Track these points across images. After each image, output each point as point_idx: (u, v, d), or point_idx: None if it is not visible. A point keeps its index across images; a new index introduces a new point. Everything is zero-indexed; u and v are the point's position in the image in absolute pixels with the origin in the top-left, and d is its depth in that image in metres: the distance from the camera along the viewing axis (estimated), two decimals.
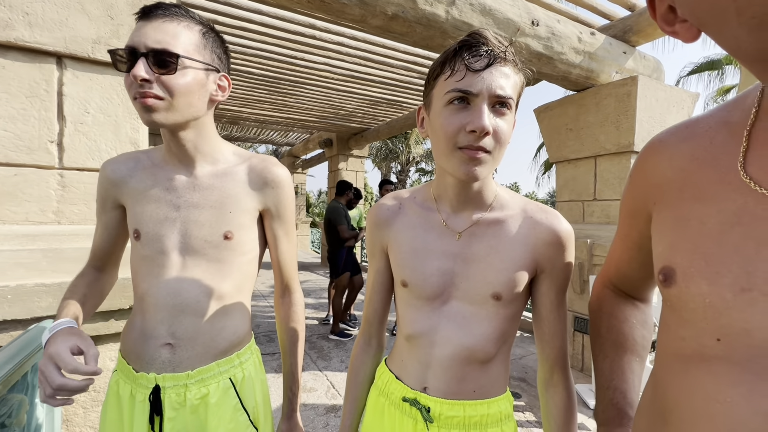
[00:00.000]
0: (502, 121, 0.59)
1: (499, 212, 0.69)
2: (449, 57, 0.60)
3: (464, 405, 0.68)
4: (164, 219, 0.76)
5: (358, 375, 0.83)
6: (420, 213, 0.73)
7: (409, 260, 0.71)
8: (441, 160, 0.64)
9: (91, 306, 0.79)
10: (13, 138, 1.14)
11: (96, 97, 1.25)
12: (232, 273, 0.79)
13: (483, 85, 0.57)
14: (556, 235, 0.66)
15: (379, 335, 0.85)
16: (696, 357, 0.40)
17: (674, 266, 0.42)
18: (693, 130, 0.47)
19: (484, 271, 0.67)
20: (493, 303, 0.67)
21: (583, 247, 2.91)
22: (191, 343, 0.75)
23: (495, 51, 0.58)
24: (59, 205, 1.21)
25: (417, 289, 0.70)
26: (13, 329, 1.02)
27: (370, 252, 0.81)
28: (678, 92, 3.07)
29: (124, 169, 0.80)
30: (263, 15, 3.02)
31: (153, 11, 0.68)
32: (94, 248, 0.85)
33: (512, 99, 0.59)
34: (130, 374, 0.75)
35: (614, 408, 0.59)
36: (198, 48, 0.71)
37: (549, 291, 0.69)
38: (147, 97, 0.65)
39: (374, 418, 0.77)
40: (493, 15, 2.27)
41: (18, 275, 1.04)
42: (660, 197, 0.48)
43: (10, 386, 0.81)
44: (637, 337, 0.63)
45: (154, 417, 0.73)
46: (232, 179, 0.79)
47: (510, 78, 0.59)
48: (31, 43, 1.13)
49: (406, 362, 0.73)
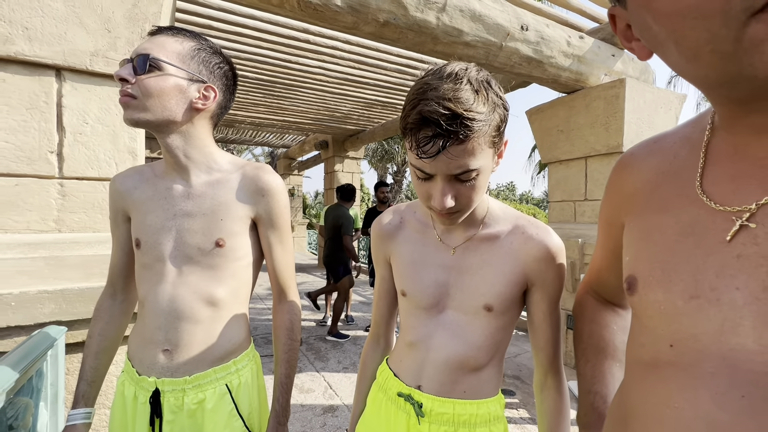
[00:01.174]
0: (468, 185, 0.59)
1: (492, 228, 0.72)
2: (407, 130, 0.57)
3: (454, 403, 0.72)
4: (161, 227, 0.79)
5: (366, 370, 0.90)
6: (418, 228, 0.78)
7: (408, 272, 0.76)
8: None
9: (107, 358, 0.87)
10: (14, 149, 1.17)
11: (94, 108, 1.28)
12: (226, 279, 0.82)
13: (437, 169, 0.57)
14: (547, 250, 0.69)
15: (387, 335, 0.92)
16: (652, 363, 0.41)
17: (636, 275, 0.44)
18: (660, 145, 0.49)
19: (477, 284, 0.70)
20: (485, 314, 0.70)
21: (574, 247, 2.97)
22: (187, 349, 0.78)
23: (447, 131, 0.53)
24: (59, 214, 1.24)
25: (415, 299, 0.75)
26: (17, 335, 1.05)
27: (376, 261, 0.87)
28: (665, 93, 3.13)
29: (130, 182, 0.83)
30: (257, 20, 3.06)
31: (159, 29, 0.76)
32: (112, 267, 0.89)
33: (476, 170, 0.57)
34: (134, 376, 0.79)
35: (595, 412, 0.61)
36: (183, 58, 0.75)
37: (541, 302, 0.73)
38: (124, 95, 0.72)
39: (372, 411, 0.82)
40: (483, 21, 2.31)
41: (21, 282, 1.07)
42: (630, 208, 0.50)
43: (16, 390, 0.85)
44: (618, 342, 0.65)
45: (154, 419, 0.76)
46: (225, 187, 0.82)
47: (472, 152, 0.56)
48: (30, 56, 1.16)
49: (404, 362, 0.78)
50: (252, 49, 3.52)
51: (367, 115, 5.90)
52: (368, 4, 1.98)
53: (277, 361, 0.90)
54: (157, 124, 0.75)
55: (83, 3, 1.21)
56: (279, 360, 0.89)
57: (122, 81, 0.71)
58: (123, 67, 0.72)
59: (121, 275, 0.89)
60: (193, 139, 0.80)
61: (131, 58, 0.73)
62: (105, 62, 1.26)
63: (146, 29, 1.31)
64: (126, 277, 0.89)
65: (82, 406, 0.81)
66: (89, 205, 1.28)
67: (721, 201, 0.39)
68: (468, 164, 0.56)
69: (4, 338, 1.04)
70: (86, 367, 0.83)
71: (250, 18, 3.03)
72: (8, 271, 1.07)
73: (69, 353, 1.12)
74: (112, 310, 0.88)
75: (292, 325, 0.90)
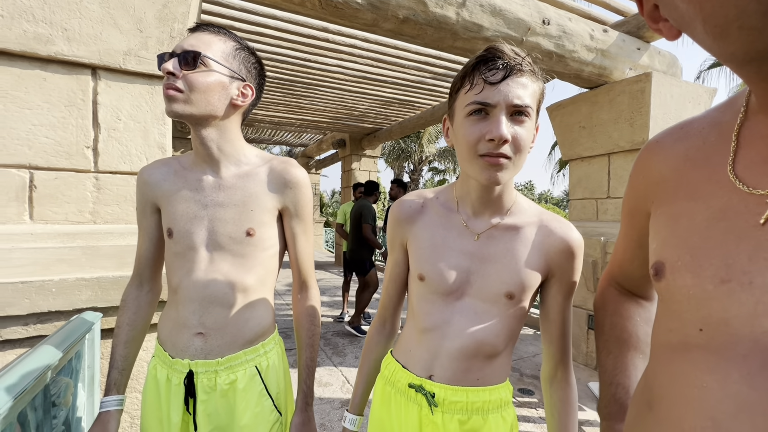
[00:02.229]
0: (521, 128, 0.63)
1: (517, 218, 0.73)
2: (468, 72, 0.64)
3: (467, 391, 0.72)
4: (193, 217, 0.83)
5: (371, 352, 0.90)
6: (441, 212, 0.77)
7: (428, 256, 0.75)
8: (464, 165, 0.68)
9: (136, 346, 0.91)
10: (54, 144, 1.23)
11: (127, 105, 1.34)
12: (255, 267, 0.85)
13: (500, 97, 0.61)
14: (569, 244, 0.71)
15: (393, 319, 0.91)
16: (680, 347, 0.41)
17: (664, 261, 0.44)
18: (687, 131, 0.49)
19: (499, 272, 0.71)
20: (505, 302, 0.71)
21: (596, 245, 2.91)
22: (220, 332, 0.82)
23: (511, 63, 0.61)
24: (95, 206, 1.31)
25: (433, 284, 0.74)
26: (56, 320, 1.11)
27: (390, 245, 0.86)
28: (694, 87, 3.02)
29: (158, 174, 0.87)
30: (278, 20, 3.11)
31: (200, 26, 0.80)
32: (138, 257, 0.92)
33: (530, 107, 0.62)
34: (166, 360, 0.83)
35: (617, 403, 0.60)
36: (226, 57, 0.79)
37: (557, 294, 0.74)
38: (170, 88, 0.74)
39: (382, 406, 0.81)
40: (504, 15, 2.29)
41: (61, 270, 1.13)
42: (657, 196, 0.50)
43: (58, 370, 0.90)
44: (641, 334, 0.64)
45: (188, 399, 0.80)
46: (254, 180, 0.85)
47: (527, 87, 0.62)
48: (69, 56, 1.22)
49: (414, 352, 0.77)
50: (272, 49, 3.58)
51: (384, 113, 5.91)
52: (388, 0, 1.99)
53: (300, 346, 0.93)
54: (198, 118, 0.79)
55: (117, 4, 1.27)
56: (303, 345, 0.92)
57: (168, 74, 0.75)
58: (170, 61, 0.74)
59: (147, 266, 0.92)
60: (227, 133, 0.84)
61: (177, 52, 0.75)
62: (137, 61, 1.31)
63: (175, 29, 1.36)
64: (153, 268, 0.93)
65: (114, 393, 0.85)
66: (122, 198, 1.34)
67: (754, 185, 0.38)
68: (525, 97, 0.62)
69: (44, 322, 1.10)
70: (116, 355, 0.87)
71: (271, 18, 3.08)
72: (49, 259, 1.13)
73: (104, 338, 1.18)
74: (139, 300, 0.91)
75: (314, 311, 0.94)
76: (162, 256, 0.92)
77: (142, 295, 0.92)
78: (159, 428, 0.83)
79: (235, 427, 0.81)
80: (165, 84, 0.75)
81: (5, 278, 1.03)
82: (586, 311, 3.09)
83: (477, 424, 0.72)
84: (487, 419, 0.73)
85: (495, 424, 0.73)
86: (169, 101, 0.75)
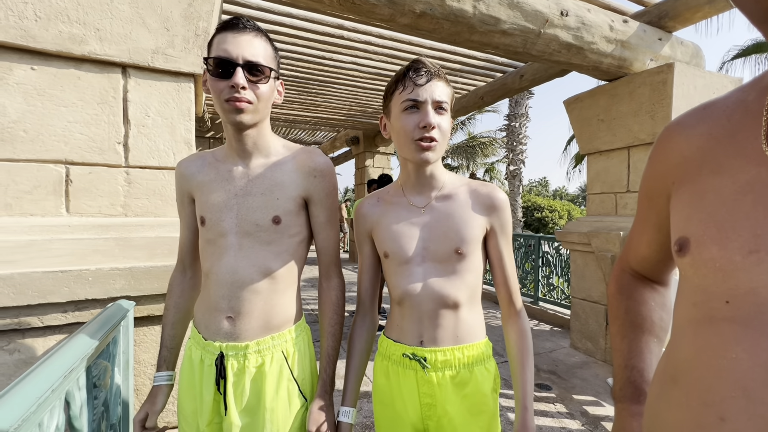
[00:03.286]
0: (442, 118, 0.82)
1: (450, 189, 0.90)
2: (400, 78, 0.83)
3: (453, 350, 0.85)
4: (224, 206, 0.86)
5: (355, 346, 0.98)
6: (392, 200, 0.94)
7: (388, 235, 0.90)
8: (403, 151, 0.85)
9: (182, 327, 0.97)
10: (87, 140, 1.29)
11: (155, 102, 1.38)
12: (282, 254, 0.88)
13: (427, 94, 0.80)
14: (493, 198, 0.87)
15: (372, 312, 1.00)
16: (705, 320, 0.42)
17: (689, 236, 0.44)
18: (710, 111, 0.49)
19: (446, 233, 0.86)
20: (456, 258, 0.85)
21: (615, 240, 2.86)
22: (248, 316, 0.85)
23: (431, 71, 0.81)
24: (126, 200, 1.36)
25: (396, 256, 0.89)
26: (92, 308, 1.16)
27: (359, 240, 0.98)
28: (719, 78, 2.94)
29: (194, 166, 0.91)
30: (293, 18, 3.15)
31: (241, 24, 0.79)
32: (181, 245, 0.98)
33: (447, 103, 0.83)
34: (200, 341, 0.86)
35: (631, 386, 0.61)
36: (273, 59, 0.83)
37: (496, 245, 0.89)
38: (241, 101, 0.77)
39: (382, 378, 0.92)
40: (521, 8, 2.27)
41: (96, 260, 1.18)
42: (679, 176, 0.50)
43: (98, 354, 0.95)
44: (656, 318, 0.65)
45: (219, 380, 0.83)
46: (281, 169, 0.88)
47: (444, 89, 0.83)
48: (101, 55, 1.27)
49: (402, 325, 0.89)
50: (288, 47, 3.63)
51: None
52: None
53: (323, 334, 0.95)
54: (256, 124, 0.84)
55: (146, 4, 1.31)
56: (326, 333, 0.94)
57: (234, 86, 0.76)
58: (239, 75, 0.75)
59: (189, 252, 0.97)
60: (263, 128, 0.88)
61: (240, 62, 0.76)
62: (164, 59, 1.35)
63: (200, 27, 1.40)
64: (193, 254, 0.98)
65: (164, 369, 0.92)
66: (151, 191, 1.39)
67: None
68: (443, 95, 0.82)
69: (81, 310, 1.15)
70: (165, 335, 0.94)
71: (287, 16, 3.12)
72: (86, 249, 1.18)
73: (137, 326, 1.23)
74: (182, 285, 0.97)
75: (338, 301, 0.95)
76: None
77: (185, 281, 0.98)
78: (193, 406, 0.87)
79: (262, 410, 0.84)
80: (233, 96, 0.76)
81: (46, 267, 1.08)
82: (604, 307, 3.05)
83: (465, 376, 0.85)
84: (473, 371, 0.86)
85: (480, 375, 0.86)
86: (237, 113, 0.78)
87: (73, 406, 0.79)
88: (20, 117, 1.21)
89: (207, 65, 0.79)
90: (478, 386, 0.85)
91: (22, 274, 1.04)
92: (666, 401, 0.46)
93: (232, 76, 0.76)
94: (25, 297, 1.04)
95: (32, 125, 1.23)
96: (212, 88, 0.79)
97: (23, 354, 1.09)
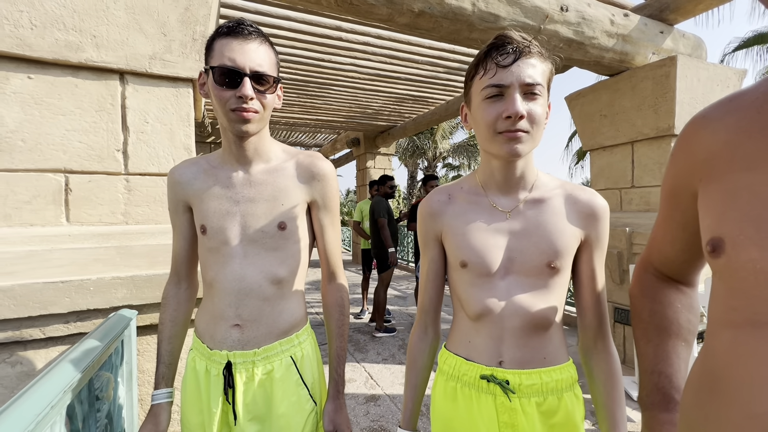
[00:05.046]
0: (534, 104, 0.67)
1: (542, 191, 0.76)
2: (481, 59, 0.70)
3: (540, 373, 0.73)
4: (226, 213, 0.84)
5: (416, 362, 0.86)
6: (469, 199, 0.80)
7: (466, 242, 0.77)
8: (485, 145, 0.72)
9: (179, 341, 0.93)
10: (86, 149, 1.28)
11: (153, 108, 1.37)
12: (288, 260, 0.87)
13: (513, 77, 0.66)
14: (594, 208, 0.75)
15: (435, 324, 0.88)
16: (747, 325, 0.39)
17: (723, 236, 0.42)
18: (738, 103, 0.46)
19: (537, 244, 0.73)
20: (548, 272, 0.73)
21: (621, 236, 2.83)
22: (256, 324, 0.83)
23: (520, 47, 0.67)
24: (126, 207, 1.34)
25: (476, 267, 0.75)
26: (94, 318, 1.15)
27: (423, 243, 0.85)
28: (722, 70, 2.91)
29: (188, 173, 0.88)
30: (291, 21, 3.14)
31: (244, 30, 0.75)
32: (174, 256, 0.94)
33: (541, 85, 0.67)
34: (205, 352, 0.84)
35: (659, 392, 0.58)
36: (276, 66, 0.81)
37: (589, 260, 0.76)
38: (248, 111, 0.75)
39: (446, 402, 0.79)
40: (520, 4, 2.25)
41: (97, 270, 1.17)
42: (706, 172, 0.47)
43: (100, 365, 0.93)
44: (683, 321, 0.62)
45: (227, 389, 0.82)
46: (282, 174, 0.87)
47: (537, 67, 0.67)
48: (98, 62, 1.26)
49: (475, 342, 0.76)
50: (287, 50, 3.62)
51: (398, 110, 5.90)
52: None
53: (330, 336, 0.94)
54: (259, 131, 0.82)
55: (142, 9, 1.30)
56: (333, 335, 0.93)
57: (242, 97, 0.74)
58: (247, 86, 0.74)
59: (184, 263, 0.94)
60: (264, 134, 0.86)
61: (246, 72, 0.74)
62: (162, 64, 1.34)
63: (197, 31, 1.39)
64: (188, 265, 0.95)
65: (163, 386, 0.88)
66: (151, 198, 1.38)
67: None
68: (535, 76, 0.67)
69: (84, 320, 1.14)
70: (162, 351, 0.90)
71: (285, 19, 3.11)
72: (86, 259, 1.17)
73: (139, 335, 1.21)
74: (178, 297, 0.94)
75: (342, 302, 0.95)
76: (197, 253, 0.93)
77: (180, 292, 0.94)
78: (199, 418, 0.85)
79: (273, 416, 0.83)
80: (240, 107, 0.75)
81: (47, 278, 1.07)
82: (612, 304, 3.02)
83: (553, 404, 0.73)
84: (562, 398, 0.74)
85: (570, 402, 0.74)
86: (244, 122, 0.77)
87: (75, 420, 0.77)
88: (18, 126, 1.20)
89: (211, 74, 0.76)
90: (568, 415, 0.73)
91: (22, 285, 1.02)
92: (703, 413, 0.44)
93: (240, 86, 0.74)
94: (27, 308, 1.03)
95: (30, 134, 1.21)
96: (216, 97, 0.76)
97: (25, 366, 1.07)
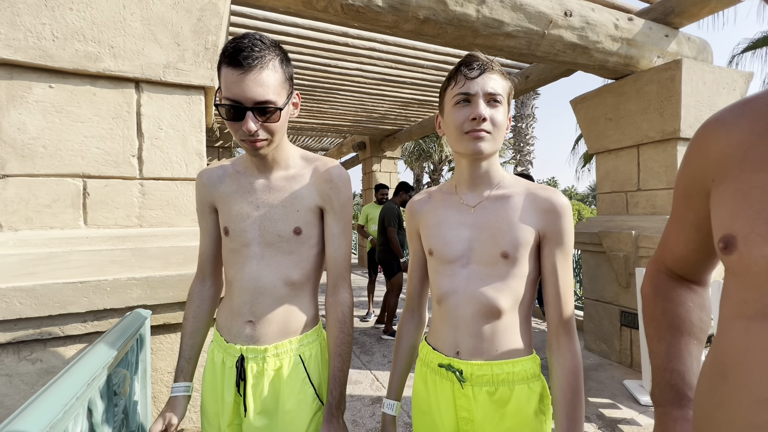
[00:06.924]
0: (495, 111, 0.78)
1: (505, 189, 0.84)
2: (452, 74, 0.81)
3: (491, 365, 0.79)
4: (246, 217, 0.89)
5: (402, 340, 0.98)
6: (443, 198, 0.91)
7: (434, 232, 0.87)
8: (454, 145, 0.82)
9: (200, 337, 0.96)
10: (103, 154, 1.33)
11: (167, 115, 1.42)
12: (302, 263, 0.90)
13: (478, 87, 0.77)
14: (553, 204, 0.79)
15: (420, 308, 1.00)
16: (758, 316, 0.41)
17: (735, 233, 0.43)
18: (752, 106, 0.48)
19: (494, 235, 0.80)
20: (503, 262, 0.79)
21: (627, 240, 2.83)
22: (268, 321, 0.87)
23: (484, 64, 0.78)
24: (141, 211, 1.39)
25: (440, 254, 0.85)
26: (110, 317, 1.19)
27: (409, 237, 0.98)
28: (728, 73, 2.90)
29: (215, 177, 0.93)
30: (299, 27, 3.19)
31: (245, 59, 0.72)
32: (201, 255, 0.99)
33: (501, 95, 0.78)
34: (222, 344, 0.89)
35: (672, 389, 0.59)
36: (283, 85, 0.79)
37: (550, 255, 0.80)
38: (256, 142, 0.79)
39: (421, 385, 0.90)
40: (524, 9, 2.28)
41: (113, 271, 1.21)
42: (719, 173, 0.49)
43: (117, 362, 0.97)
44: (695, 320, 0.62)
45: (239, 381, 0.86)
46: (299, 181, 0.90)
47: (498, 81, 0.78)
48: (115, 71, 1.31)
49: (440, 331, 0.85)
50: (294, 56, 3.68)
51: (404, 114, 5.94)
52: (408, 2, 2.02)
53: (330, 354, 0.90)
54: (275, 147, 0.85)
55: (157, 21, 1.35)
56: (332, 354, 0.89)
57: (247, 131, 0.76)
58: (248, 121, 0.75)
59: (209, 261, 0.98)
60: (282, 144, 0.89)
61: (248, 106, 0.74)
62: (175, 73, 1.39)
63: (209, 41, 1.43)
64: (213, 264, 0.99)
65: (182, 380, 0.91)
66: (164, 202, 1.42)
67: None
68: (497, 87, 0.77)
69: (100, 319, 1.18)
70: (183, 345, 0.94)
71: (293, 26, 3.17)
72: (103, 260, 1.21)
73: (153, 334, 1.25)
74: (202, 294, 0.98)
75: (344, 318, 0.91)
76: (221, 253, 0.96)
77: (204, 290, 0.98)
78: (215, 406, 0.89)
79: (280, 412, 0.86)
80: (248, 139, 0.78)
81: (67, 278, 1.12)
82: (618, 307, 3.01)
83: (504, 394, 0.78)
84: (514, 389, 0.78)
85: (522, 394, 0.78)
86: (255, 150, 0.80)
87: (95, 414, 0.81)
88: (39, 133, 1.26)
89: (219, 112, 0.78)
90: (519, 406, 0.78)
91: (43, 285, 1.07)
92: (716, 399, 0.45)
93: (243, 120, 0.75)
94: (47, 308, 1.07)
95: (51, 141, 1.27)
96: (228, 127, 0.80)
97: (45, 363, 1.12)
